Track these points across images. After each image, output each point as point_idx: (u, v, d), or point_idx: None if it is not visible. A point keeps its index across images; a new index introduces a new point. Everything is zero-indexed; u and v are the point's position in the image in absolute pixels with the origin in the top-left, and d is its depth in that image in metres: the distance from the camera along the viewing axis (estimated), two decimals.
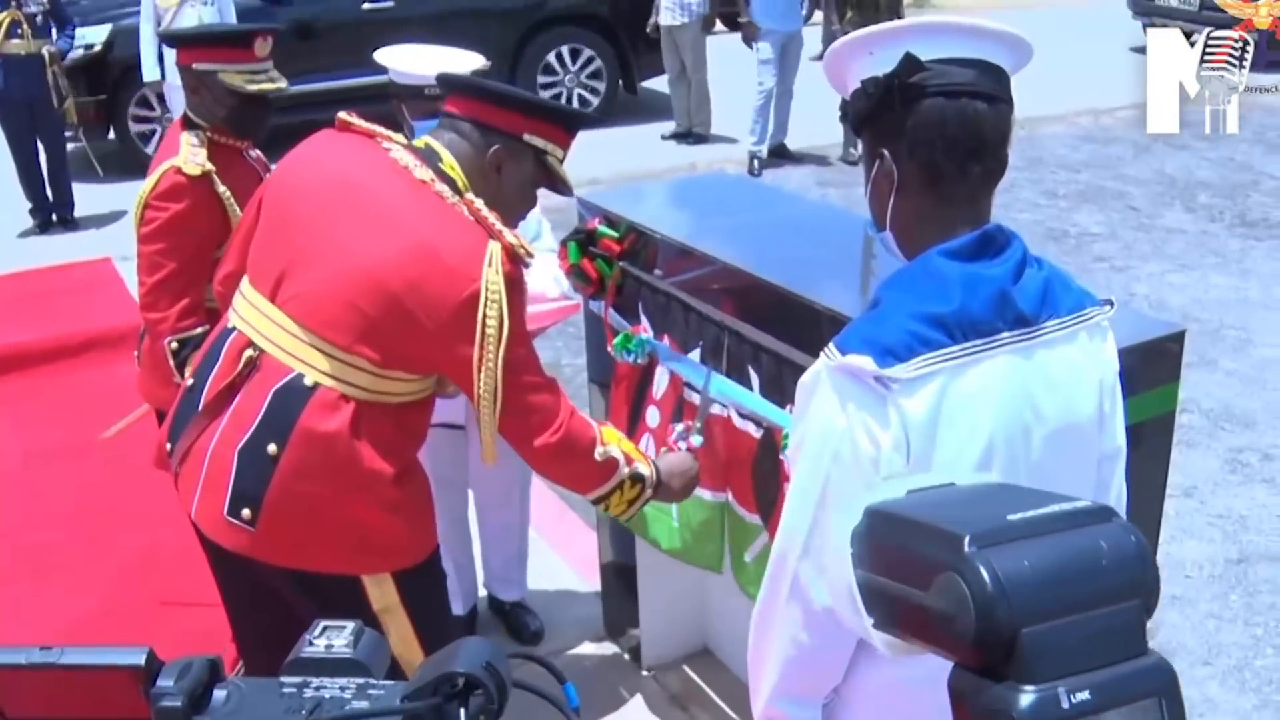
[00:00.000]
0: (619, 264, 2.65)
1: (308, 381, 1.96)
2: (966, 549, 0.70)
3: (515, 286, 1.96)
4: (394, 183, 1.99)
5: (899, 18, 8.06)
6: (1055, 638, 0.69)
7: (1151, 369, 2.08)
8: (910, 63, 1.43)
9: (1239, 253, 6.63)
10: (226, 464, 1.98)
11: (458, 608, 3.27)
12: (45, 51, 7.10)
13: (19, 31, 7.04)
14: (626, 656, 3.26)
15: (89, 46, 8.24)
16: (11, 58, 7.05)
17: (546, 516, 3.85)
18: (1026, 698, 0.68)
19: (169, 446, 2.12)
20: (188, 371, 2.20)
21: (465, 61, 2.76)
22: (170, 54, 4.68)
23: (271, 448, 1.95)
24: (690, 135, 9.11)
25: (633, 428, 2.62)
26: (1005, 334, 1.41)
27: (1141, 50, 4.56)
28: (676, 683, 3.16)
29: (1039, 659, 0.69)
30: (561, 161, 2.14)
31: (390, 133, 2.12)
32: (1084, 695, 0.68)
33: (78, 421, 4.80)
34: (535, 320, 2.56)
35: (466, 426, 2.99)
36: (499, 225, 1.97)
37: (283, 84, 2.93)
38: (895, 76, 1.44)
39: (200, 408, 2.05)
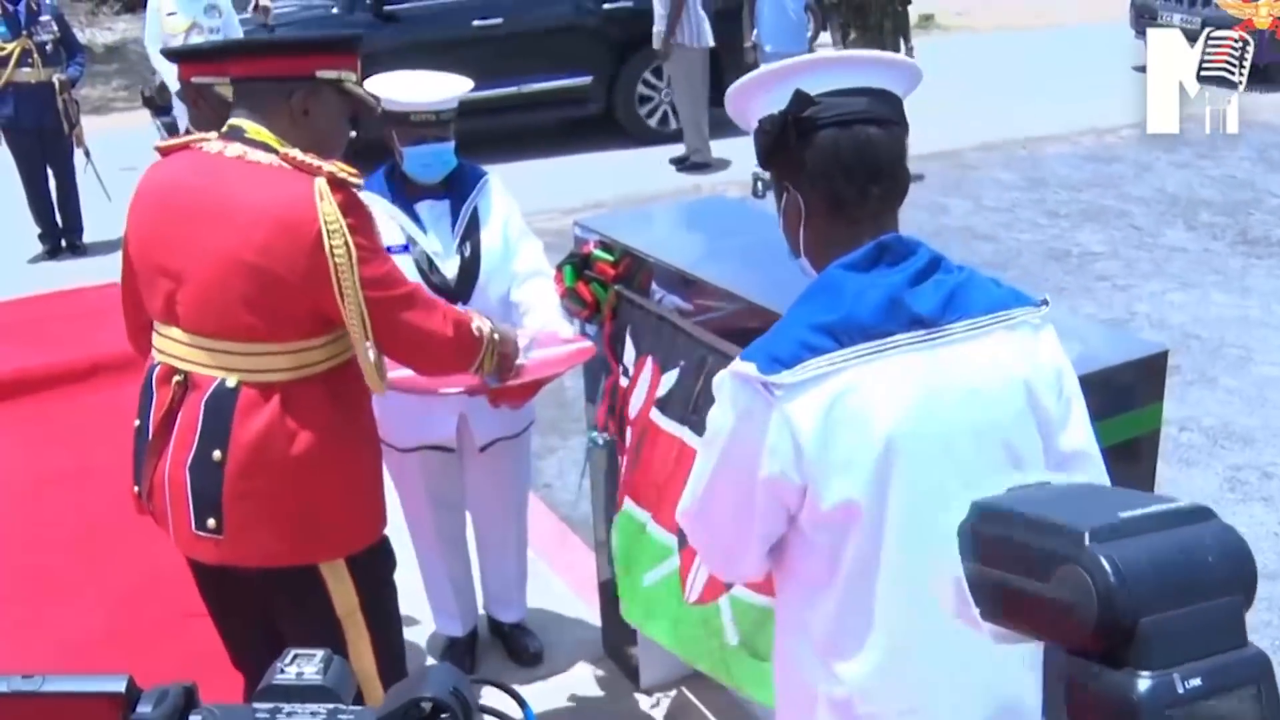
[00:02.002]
0: (614, 288, 2.69)
1: (230, 383, 2.04)
2: (1088, 543, 0.75)
3: (351, 209, 2.03)
4: (212, 172, 2.06)
5: (905, 39, 8.16)
6: (1170, 627, 0.74)
7: (1136, 388, 2.10)
8: (800, 98, 1.53)
9: (1240, 271, 6.65)
10: (182, 483, 2.07)
11: (457, 629, 3.30)
12: (55, 79, 7.20)
13: (29, 60, 7.15)
14: (625, 677, 3.28)
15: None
16: (22, 86, 7.16)
17: (546, 539, 3.88)
18: (1144, 683, 0.72)
19: (136, 489, 2.21)
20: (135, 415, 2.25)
21: (453, 85, 2.82)
22: (171, 70, 4.77)
23: (216, 454, 2.03)
24: (685, 162, 9.05)
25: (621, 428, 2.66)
26: (900, 336, 1.50)
27: (1143, 69, 4.59)
28: (673, 703, 3.18)
29: (1155, 646, 0.73)
30: (358, 83, 2.20)
31: (202, 134, 2.19)
32: (1196, 681, 0.73)
33: (84, 446, 4.83)
34: (550, 367, 2.59)
35: (457, 450, 3.02)
36: (317, 162, 2.03)
37: None
38: (788, 113, 1.53)
39: (148, 443, 2.13)
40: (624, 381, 2.62)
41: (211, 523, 2.05)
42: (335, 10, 9.31)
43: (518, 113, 9.43)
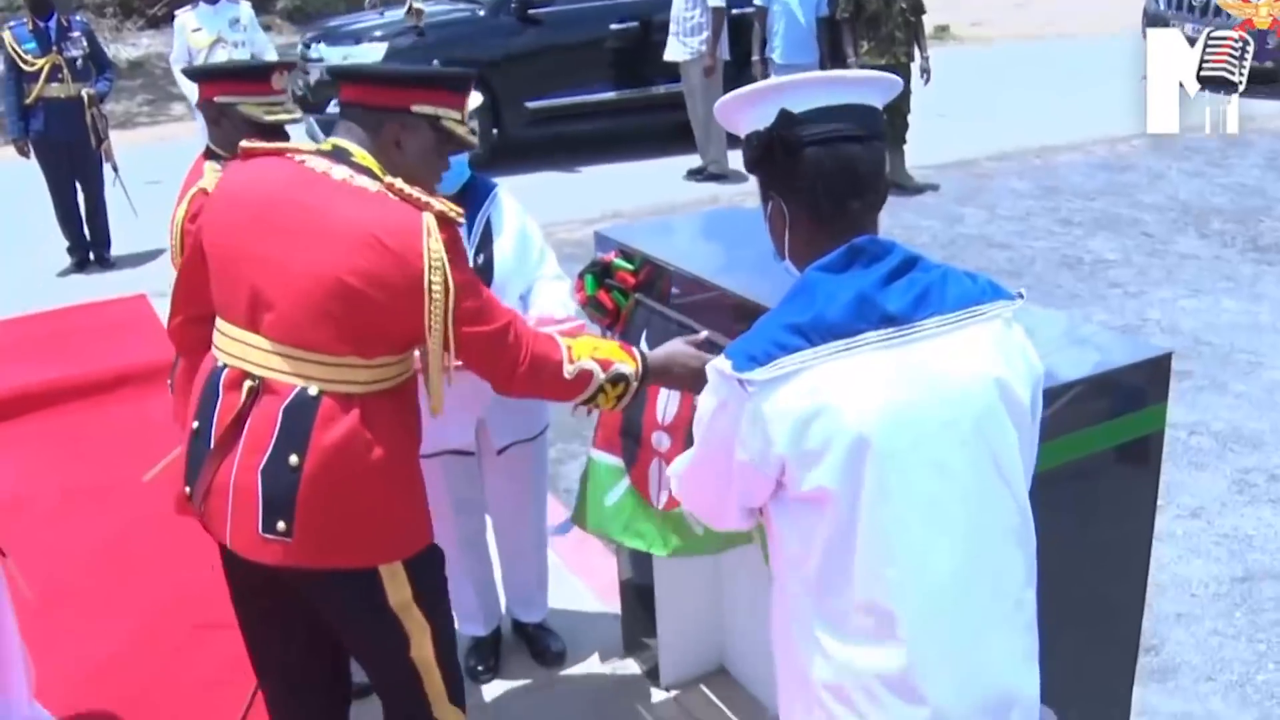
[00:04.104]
0: (634, 295, 2.77)
1: (312, 392, 2.08)
2: None
3: (453, 247, 2.10)
4: (317, 190, 2.10)
5: (921, 47, 8.24)
6: None
7: (1139, 390, 2.16)
8: (785, 119, 1.65)
9: (1251, 277, 6.70)
10: (252, 486, 2.10)
11: (480, 629, 3.39)
12: (84, 94, 7.34)
13: (60, 76, 7.29)
14: (645, 676, 3.36)
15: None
16: (52, 101, 7.30)
17: (567, 542, 3.94)
18: None
19: (188, 490, 2.22)
20: (191, 417, 2.27)
21: (472, 100, 2.89)
22: (192, 89, 4.88)
23: (293, 459, 2.07)
24: (703, 172, 9.16)
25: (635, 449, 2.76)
26: (869, 334, 1.59)
27: None
28: (694, 702, 3.25)
29: None
30: (461, 121, 2.24)
31: (297, 144, 2.24)
32: None
33: (113, 457, 4.92)
34: None
35: (477, 453, 3.11)
36: (425, 197, 2.09)
37: (297, 114, 3.09)
38: (773, 133, 1.65)
39: (212, 446, 2.15)
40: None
41: (281, 525, 2.09)
42: (481, 13, 9.74)
43: (643, 115, 9.83)
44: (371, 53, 9.25)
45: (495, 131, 9.66)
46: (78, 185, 7.58)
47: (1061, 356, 2.07)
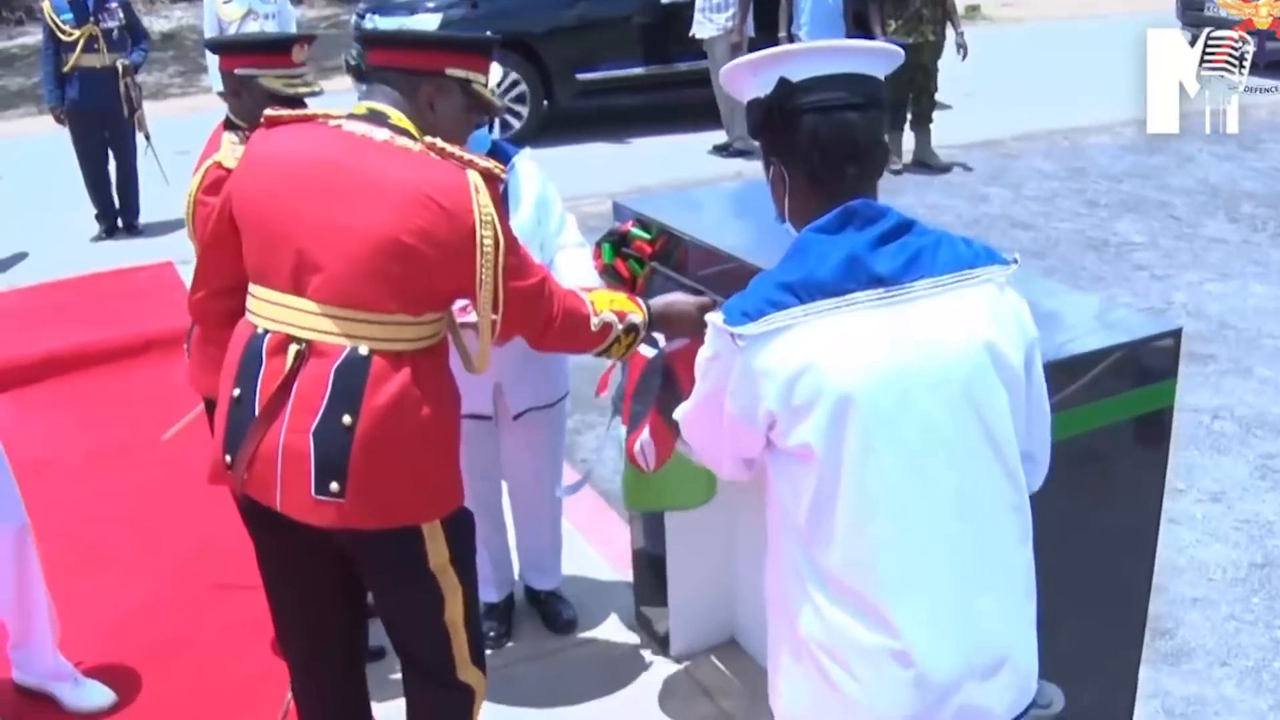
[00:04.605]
0: (650, 264, 2.79)
1: (363, 351, 2.10)
2: None
3: (498, 203, 2.15)
4: (361, 151, 2.13)
5: (954, 24, 8.19)
6: None
7: (1145, 366, 2.16)
8: (784, 87, 1.70)
9: None
10: (304, 449, 2.11)
11: (493, 595, 3.41)
12: (119, 64, 7.42)
13: (95, 46, 7.36)
14: (655, 645, 3.38)
15: None
16: (88, 71, 7.38)
17: (584, 513, 3.98)
18: None
19: (228, 459, 2.21)
20: (229, 386, 2.27)
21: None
22: (213, 60, 4.94)
23: (346, 419, 2.08)
24: (729, 148, 9.17)
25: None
26: (859, 294, 1.63)
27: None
28: (703, 672, 3.28)
29: None
30: (486, 85, 2.30)
31: (327, 110, 2.26)
32: None
33: (138, 420, 4.99)
34: None
35: (494, 417, 3.14)
36: (467, 155, 2.14)
37: (317, 88, 3.11)
38: (773, 100, 1.70)
39: (257, 413, 2.15)
40: (648, 351, 2.72)
41: (334, 486, 2.10)
42: None
43: (689, 88, 9.79)
44: (425, 24, 9.25)
45: (546, 103, 9.79)
46: (110, 154, 7.66)
47: (1071, 331, 2.07)
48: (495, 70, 2.74)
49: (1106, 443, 1.90)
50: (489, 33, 2.54)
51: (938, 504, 1.64)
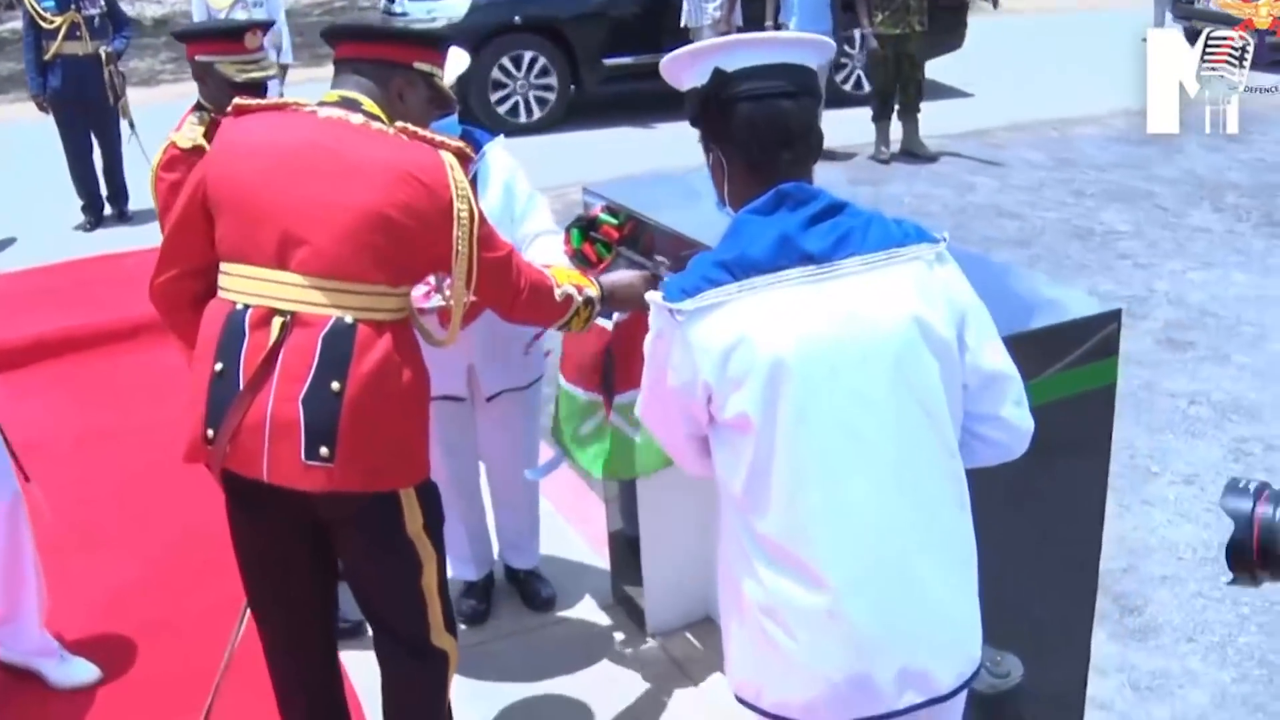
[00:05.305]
0: (616, 248, 2.84)
1: (348, 320, 2.19)
2: None
3: (469, 182, 2.30)
4: (340, 134, 2.24)
5: (960, 15, 8.22)
6: None
7: (1088, 345, 2.22)
8: (719, 77, 1.77)
9: (1263, 251, 6.69)
10: (292, 416, 2.17)
11: (472, 574, 3.47)
12: (102, 52, 7.40)
13: (78, 33, 7.34)
14: (632, 623, 3.44)
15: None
16: (70, 58, 7.36)
17: (562, 494, 4.03)
18: None
19: (209, 433, 2.25)
20: (209, 362, 2.30)
21: (460, 60, 2.96)
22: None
23: (334, 385, 2.17)
24: None
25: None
26: (790, 271, 1.70)
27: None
28: (678, 647, 3.33)
29: None
30: (441, 80, 2.44)
31: (298, 99, 2.38)
32: None
33: (127, 403, 5.04)
34: None
35: (468, 398, 3.19)
36: (438, 137, 2.29)
37: (272, 71, 3.25)
38: (708, 90, 1.78)
39: (242, 385, 2.20)
40: (605, 324, 2.84)
41: (324, 451, 2.17)
42: None
43: None
44: (456, 8, 9.43)
45: (573, 88, 9.90)
46: (94, 142, 7.66)
47: (1012, 308, 2.13)
48: (463, 61, 2.96)
49: (1049, 419, 1.95)
50: (516, 18, 2.73)
51: (873, 471, 1.70)
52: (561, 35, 9.69)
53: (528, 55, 9.67)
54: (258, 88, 3.17)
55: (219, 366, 2.23)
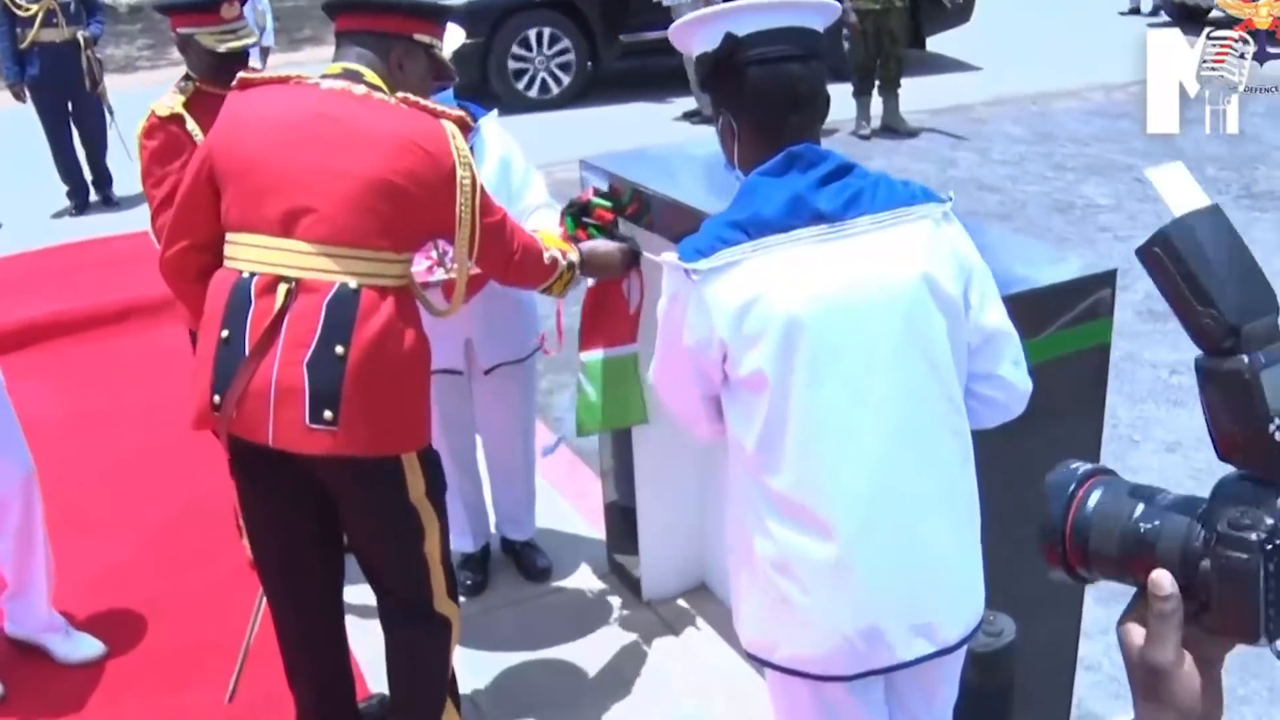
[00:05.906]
0: (611, 231, 2.87)
1: (352, 285, 2.23)
2: None
3: (469, 150, 2.35)
4: (344, 104, 2.29)
5: None
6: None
7: (1082, 306, 2.27)
8: (730, 42, 1.80)
9: (1243, 224, 6.72)
10: (297, 380, 2.21)
11: (469, 545, 3.52)
12: (80, 37, 7.34)
13: (54, 20, 7.29)
14: (627, 591, 3.49)
15: None
16: (48, 46, 7.31)
17: (558, 468, 4.07)
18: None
19: (217, 399, 2.29)
20: (215, 329, 2.33)
21: (455, 35, 2.99)
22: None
23: (339, 349, 2.21)
24: (698, 114, 9.22)
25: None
26: (802, 230, 1.74)
27: (1155, 26, 4.72)
28: (673, 613, 3.39)
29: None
30: (440, 51, 2.48)
31: (299, 75, 2.41)
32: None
33: (118, 386, 5.07)
34: None
35: (465, 371, 3.23)
36: (438, 107, 2.34)
37: (249, 40, 3.31)
38: (719, 54, 1.81)
39: (248, 352, 2.25)
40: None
41: (328, 414, 2.21)
42: None
43: None
44: None
45: (590, 64, 9.95)
46: (75, 129, 7.61)
47: (1009, 270, 2.17)
48: (458, 35, 2.97)
49: (1049, 377, 2.00)
50: None
51: (882, 428, 1.74)
52: (578, 11, 9.77)
53: (547, 32, 9.74)
54: (239, 57, 3.24)
55: (225, 334, 2.27)
